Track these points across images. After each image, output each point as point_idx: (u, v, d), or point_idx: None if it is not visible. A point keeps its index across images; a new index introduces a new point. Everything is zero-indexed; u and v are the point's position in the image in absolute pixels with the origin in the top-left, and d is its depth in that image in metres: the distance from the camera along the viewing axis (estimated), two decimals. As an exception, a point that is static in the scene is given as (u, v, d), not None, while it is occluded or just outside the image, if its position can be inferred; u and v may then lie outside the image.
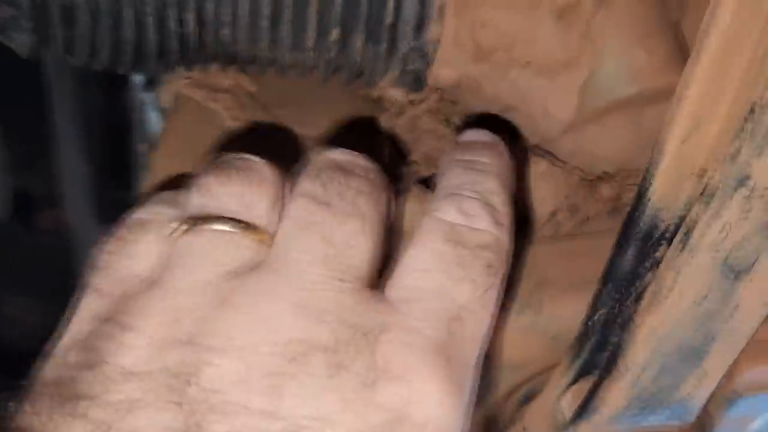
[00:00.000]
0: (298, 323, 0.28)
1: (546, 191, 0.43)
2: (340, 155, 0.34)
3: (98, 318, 0.30)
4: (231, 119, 0.47)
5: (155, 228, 0.32)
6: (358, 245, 0.31)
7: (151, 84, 0.53)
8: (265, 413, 0.27)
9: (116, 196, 0.63)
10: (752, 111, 0.25)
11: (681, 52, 0.40)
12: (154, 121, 0.47)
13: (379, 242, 0.32)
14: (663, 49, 0.38)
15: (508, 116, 0.43)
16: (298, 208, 0.32)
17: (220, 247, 0.31)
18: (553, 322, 0.41)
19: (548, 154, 0.43)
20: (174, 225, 0.31)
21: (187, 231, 0.31)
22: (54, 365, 0.29)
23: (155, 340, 0.28)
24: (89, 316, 0.30)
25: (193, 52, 0.40)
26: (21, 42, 0.38)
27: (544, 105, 0.41)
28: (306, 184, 0.32)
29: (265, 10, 0.38)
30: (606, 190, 0.43)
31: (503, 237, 0.33)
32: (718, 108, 0.28)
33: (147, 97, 0.47)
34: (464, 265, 0.31)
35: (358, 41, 0.40)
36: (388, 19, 0.39)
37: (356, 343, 0.28)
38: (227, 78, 0.49)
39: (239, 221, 0.31)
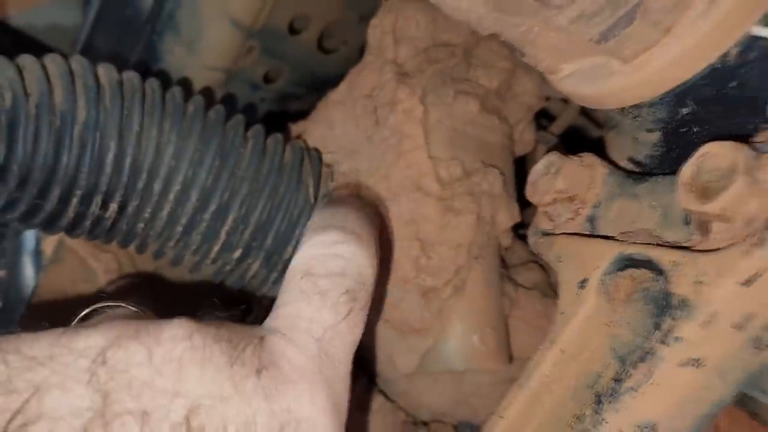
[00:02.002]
0: (188, 343, 0.32)
1: (374, 425, 0.49)
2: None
3: None
4: (107, 283, 0.49)
5: None
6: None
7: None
8: (169, 391, 0.30)
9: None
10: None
11: (506, 343, 0.50)
12: (28, 271, 0.47)
13: None
14: (493, 341, 0.48)
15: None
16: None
17: None
18: None
19: (383, 393, 0.50)
20: None
21: None
22: None
23: None
24: None
25: (101, 232, 0.43)
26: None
27: (392, 355, 0.48)
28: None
29: (183, 218, 0.43)
30: (422, 437, 0.51)
31: (364, 261, 0.38)
32: (526, 433, 0.36)
33: (28, 240, 0.48)
34: (324, 294, 0.36)
35: (255, 264, 0.45)
36: (286, 255, 0.45)
37: (248, 344, 0.33)
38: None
39: None
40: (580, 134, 0.63)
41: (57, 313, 0.45)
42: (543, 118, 0.62)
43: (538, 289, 0.52)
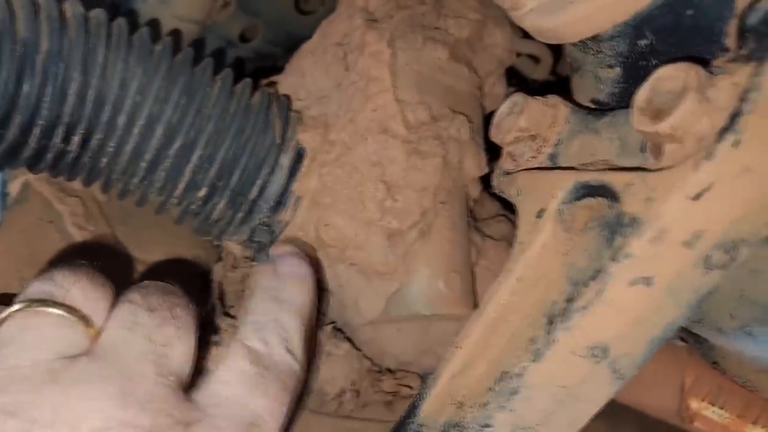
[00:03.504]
0: (124, 407, 0.33)
1: (339, 371, 0.49)
2: (162, 284, 0.39)
3: None
4: (73, 225, 0.49)
5: None
6: (175, 347, 0.36)
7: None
8: None
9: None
10: (502, 377, 0.34)
11: (471, 290, 0.50)
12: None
13: (192, 350, 0.37)
14: (458, 286, 0.48)
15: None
16: (126, 311, 0.37)
17: (56, 329, 0.35)
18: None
19: (349, 340, 0.50)
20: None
21: (21, 310, 0.34)
22: None
23: None
24: None
25: (64, 167, 0.43)
26: None
27: (356, 300, 0.48)
28: (133, 294, 0.38)
29: (148, 154, 0.43)
30: (387, 384, 0.51)
31: (295, 365, 0.39)
32: (482, 363, 0.36)
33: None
34: (262, 383, 0.37)
35: (220, 204, 0.45)
36: (252, 195, 0.45)
37: (172, 430, 0.33)
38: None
39: (78, 311, 0.35)
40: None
41: (20, 251, 0.45)
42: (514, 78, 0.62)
43: (506, 240, 0.53)
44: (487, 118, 0.54)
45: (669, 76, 0.31)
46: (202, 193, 0.45)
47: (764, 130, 0.28)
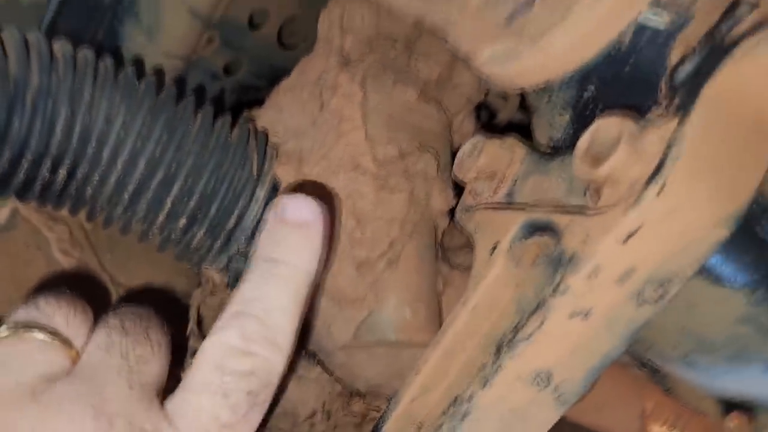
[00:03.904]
0: (98, 421, 0.35)
1: (311, 394, 0.52)
2: (137, 309, 0.42)
3: None
4: (60, 252, 0.51)
5: None
6: (149, 364, 0.39)
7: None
8: None
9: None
10: (455, 401, 0.36)
11: (437, 318, 0.52)
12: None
13: (165, 366, 0.40)
14: (424, 314, 0.50)
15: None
16: (103, 334, 0.40)
17: (39, 352, 0.37)
18: None
19: (321, 363, 0.53)
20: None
21: (8, 336, 0.37)
22: None
23: None
24: None
25: (51, 196, 0.45)
26: None
27: (329, 325, 0.51)
28: (110, 318, 0.41)
29: (131, 186, 0.45)
30: (357, 406, 0.53)
31: (276, 359, 0.39)
32: (439, 387, 0.39)
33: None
34: (227, 393, 0.38)
35: (200, 233, 0.48)
36: (229, 225, 0.48)
37: None
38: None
39: (60, 335, 0.38)
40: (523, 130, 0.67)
41: (8, 276, 0.48)
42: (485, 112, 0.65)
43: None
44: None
45: (606, 126, 0.34)
46: (182, 223, 0.47)
47: (686, 180, 0.31)
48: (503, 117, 0.63)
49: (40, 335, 0.38)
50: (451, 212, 0.54)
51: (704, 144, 0.31)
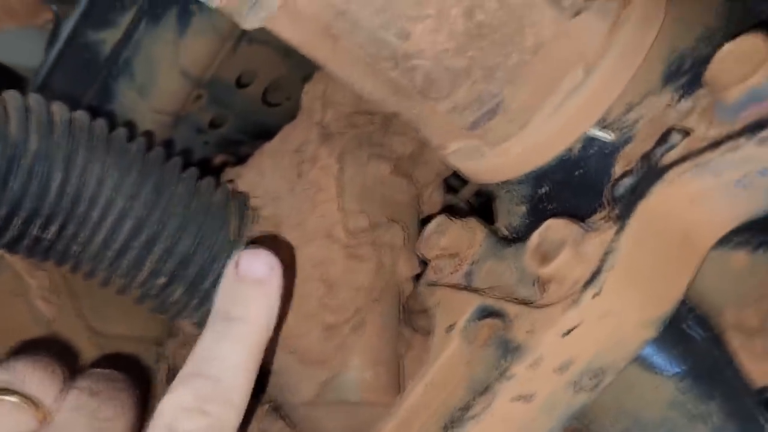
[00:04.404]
0: None
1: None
2: (105, 370, 0.45)
3: None
4: (40, 299, 0.54)
5: None
6: (116, 421, 0.42)
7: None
8: None
9: None
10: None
11: (397, 380, 0.56)
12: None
13: (132, 422, 0.43)
14: (385, 377, 0.54)
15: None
16: (73, 395, 0.43)
17: (12, 414, 0.40)
18: None
19: (285, 418, 0.55)
20: None
21: None
22: None
23: None
24: None
25: (39, 252, 0.48)
26: None
27: (295, 382, 0.54)
28: (80, 381, 0.44)
29: (116, 245, 0.48)
30: (317, 462, 0.56)
31: (230, 416, 0.39)
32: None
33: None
34: None
35: (178, 291, 0.51)
36: (206, 285, 0.51)
37: None
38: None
39: (31, 397, 0.41)
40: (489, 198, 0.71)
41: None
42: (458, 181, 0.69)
43: (433, 334, 0.59)
44: (425, 221, 0.61)
45: (554, 227, 0.38)
46: (162, 281, 0.50)
47: (618, 287, 0.35)
48: (471, 188, 0.67)
49: (12, 398, 0.40)
50: (417, 277, 0.58)
51: (636, 255, 0.35)
